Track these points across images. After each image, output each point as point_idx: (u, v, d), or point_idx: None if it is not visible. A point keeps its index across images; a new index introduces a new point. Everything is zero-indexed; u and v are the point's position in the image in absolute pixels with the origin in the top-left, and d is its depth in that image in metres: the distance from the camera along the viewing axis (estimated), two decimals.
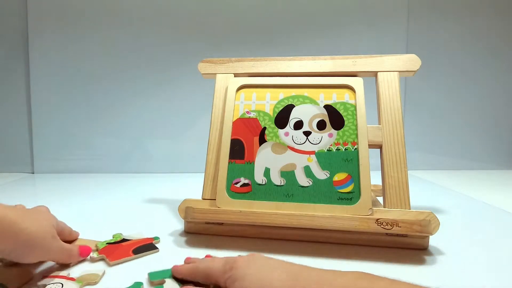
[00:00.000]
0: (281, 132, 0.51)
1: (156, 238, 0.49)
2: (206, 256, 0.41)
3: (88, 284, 0.37)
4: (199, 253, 0.43)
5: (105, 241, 0.47)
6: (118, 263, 0.42)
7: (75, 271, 0.39)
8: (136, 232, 0.51)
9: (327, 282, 0.27)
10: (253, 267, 0.30)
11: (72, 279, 0.38)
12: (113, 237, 0.48)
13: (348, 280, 0.27)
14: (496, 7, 1.08)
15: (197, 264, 0.36)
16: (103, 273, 0.39)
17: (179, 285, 0.36)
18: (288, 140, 0.50)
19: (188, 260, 0.39)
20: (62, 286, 0.36)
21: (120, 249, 0.45)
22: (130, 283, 0.36)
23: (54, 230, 0.38)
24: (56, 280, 0.37)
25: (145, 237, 0.49)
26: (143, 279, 0.37)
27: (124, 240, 0.48)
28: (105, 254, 0.43)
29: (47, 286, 0.36)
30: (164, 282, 0.37)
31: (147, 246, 0.46)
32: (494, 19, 1.09)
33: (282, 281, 0.28)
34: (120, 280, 0.37)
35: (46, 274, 0.38)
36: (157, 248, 0.46)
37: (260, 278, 0.29)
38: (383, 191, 0.47)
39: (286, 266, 0.31)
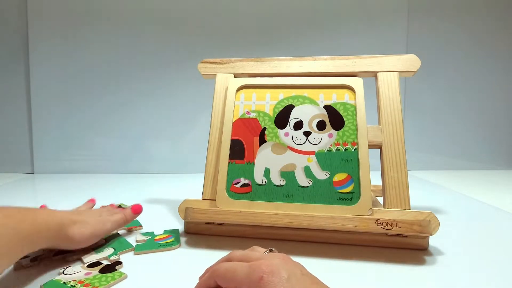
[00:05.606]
0: (281, 132, 0.51)
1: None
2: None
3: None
4: (199, 253, 0.43)
5: None
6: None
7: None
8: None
9: None
10: (288, 285, 0.25)
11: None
12: None
13: None
14: (496, 8, 1.08)
15: (214, 268, 0.31)
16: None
17: None
18: (288, 141, 0.50)
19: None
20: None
21: None
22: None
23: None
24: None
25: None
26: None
27: None
28: None
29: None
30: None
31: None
32: (493, 20, 1.09)
33: None
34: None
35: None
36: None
37: None
38: (383, 191, 0.47)
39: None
